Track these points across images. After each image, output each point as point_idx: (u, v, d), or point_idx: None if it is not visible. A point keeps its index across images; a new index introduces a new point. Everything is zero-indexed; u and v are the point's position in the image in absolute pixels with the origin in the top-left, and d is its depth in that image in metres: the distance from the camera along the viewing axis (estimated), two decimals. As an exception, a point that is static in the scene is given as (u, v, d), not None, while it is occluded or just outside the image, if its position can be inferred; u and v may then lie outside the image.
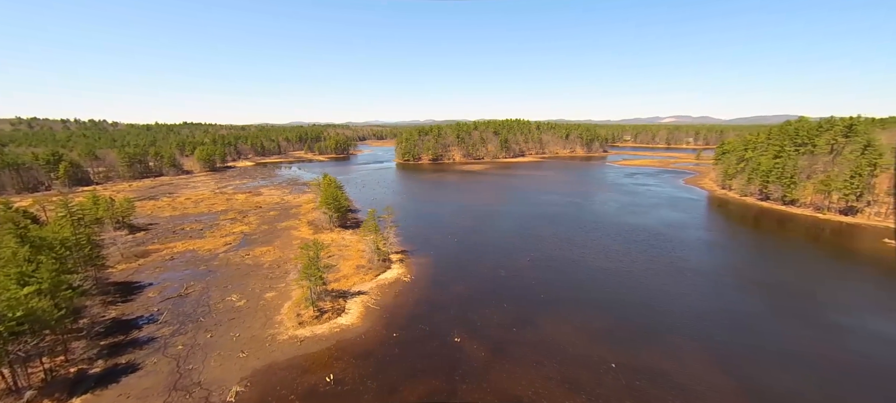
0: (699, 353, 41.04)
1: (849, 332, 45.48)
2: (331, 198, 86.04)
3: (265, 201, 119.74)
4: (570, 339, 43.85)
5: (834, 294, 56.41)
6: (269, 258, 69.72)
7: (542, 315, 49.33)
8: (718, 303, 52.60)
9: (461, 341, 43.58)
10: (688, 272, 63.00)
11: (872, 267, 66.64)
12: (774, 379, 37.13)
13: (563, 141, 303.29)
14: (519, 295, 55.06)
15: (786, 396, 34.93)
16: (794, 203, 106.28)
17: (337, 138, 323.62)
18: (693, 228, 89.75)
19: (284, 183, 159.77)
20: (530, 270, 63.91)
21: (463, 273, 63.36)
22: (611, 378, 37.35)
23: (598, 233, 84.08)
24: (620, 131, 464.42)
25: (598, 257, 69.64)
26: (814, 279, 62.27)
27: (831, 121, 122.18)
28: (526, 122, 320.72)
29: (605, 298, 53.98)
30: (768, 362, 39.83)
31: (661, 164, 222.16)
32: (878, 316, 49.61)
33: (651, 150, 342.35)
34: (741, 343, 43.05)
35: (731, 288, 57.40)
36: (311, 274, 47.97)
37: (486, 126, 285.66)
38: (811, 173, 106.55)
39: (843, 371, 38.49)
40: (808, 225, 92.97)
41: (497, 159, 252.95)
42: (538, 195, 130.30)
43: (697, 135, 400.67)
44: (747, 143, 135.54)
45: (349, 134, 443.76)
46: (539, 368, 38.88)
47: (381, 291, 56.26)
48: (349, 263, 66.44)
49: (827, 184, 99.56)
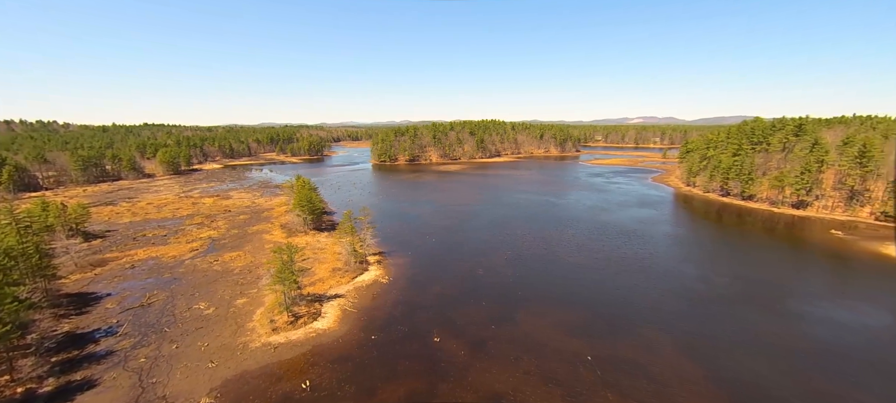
0: (669, 344, 42.72)
1: (804, 318, 48.69)
2: (304, 200, 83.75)
3: (235, 205, 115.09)
4: (547, 334, 44.57)
5: (789, 283, 60.32)
6: (240, 263, 66.99)
7: (519, 311, 49.91)
8: (686, 295, 55.00)
9: (440, 340, 43.40)
10: (657, 266, 65.58)
11: (822, 257, 71.76)
12: (738, 365, 39.18)
13: (537, 141, 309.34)
14: (497, 292, 55.49)
15: (749, 381, 36.91)
16: (751, 198, 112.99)
17: (310, 139, 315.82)
18: (661, 224, 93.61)
19: (255, 185, 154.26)
20: (507, 268, 64.59)
21: (441, 272, 63.22)
22: (587, 370, 38.23)
23: (572, 231, 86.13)
24: (592, 131, 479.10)
25: (572, 254, 71.29)
26: (771, 270, 66.29)
27: (783, 121, 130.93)
28: (501, 123, 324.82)
29: (581, 293, 55.30)
30: (733, 349, 41.98)
31: (630, 163, 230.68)
32: (829, 301, 53.42)
33: (621, 150, 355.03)
34: (708, 333, 45.18)
35: (697, 281, 60.23)
36: (284, 279, 46.41)
37: (462, 126, 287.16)
38: (766, 170, 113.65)
39: (799, 354, 41.11)
40: (764, 218, 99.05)
41: (473, 159, 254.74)
42: (514, 194, 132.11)
43: (663, 134, 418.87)
44: (709, 142, 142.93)
45: (323, 135, 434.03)
46: (518, 364, 39.28)
47: (359, 294, 55.22)
48: (325, 266, 64.84)
49: (780, 179, 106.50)
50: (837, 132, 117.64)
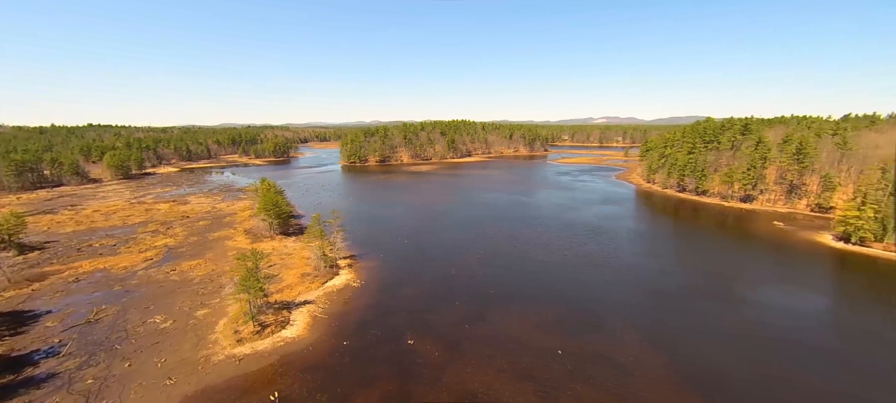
0: (634, 335, 44.74)
1: (750, 305, 52.53)
2: (270, 203, 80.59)
3: (193, 210, 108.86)
4: (519, 331, 45.40)
5: (738, 272, 64.93)
6: (200, 272, 63.41)
7: (492, 310, 50.53)
8: (648, 288, 57.83)
9: (414, 343, 43.11)
10: (622, 261, 68.55)
11: (766, 247, 77.77)
12: (695, 351, 41.68)
13: (507, 141, 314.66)
14: (470, 291, 55.88)
15: (704, 366, 39.34)
16: (705, 193, 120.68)
17: (275, 140, 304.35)
18: (625, 220, 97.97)
19: (216, 189, 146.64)
20: (480, 267, 65.23)
21: (414, 274, 62.86)
22: (558, 364, 39.29)
23: (541, 229, 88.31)
24: (559, 131, 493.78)
25: (542, 251, 73.07)
26: (722, 261, 71.08)
27: (732, 121, 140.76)
28: (472, 123, 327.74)
29: (551, 289, 56.77)
30: (690, 337, 44.61)
31: (595, 162, 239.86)
32: (773, 288, 57.96)
33: (586, 149, 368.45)
34: (668, 323, 47.74)
35: (658, 274, 63.52)
36: (249, 287, 44.38)
37: (433, 127, 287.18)
38: (717, 167, 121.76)
39: (747, 339, 44.30)
40: (716, 212, 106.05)
41: (445, 159, 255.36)
42: (485, 194, 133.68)
43: (625, 134, 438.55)
44: (666, 141, 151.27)
45: (289, 136, 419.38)
46: (492, 362, 39.73)
47: (329, 299, 53.81)
48: (293, 272, 62.68)
49: (730, 175, 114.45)
50: (778, 131, 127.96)
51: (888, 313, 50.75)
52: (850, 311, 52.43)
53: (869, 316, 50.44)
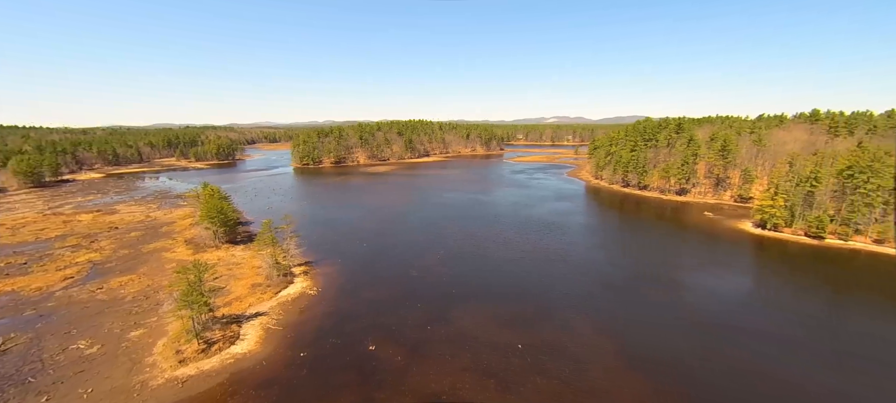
0: (586, 324, 47.21)
1: (685, 289, 57.58)
2: (214, 210, 74.92)
3: (123, 220, 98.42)
4: (481, 328, 46.10)
5: (677, 259, 70.91)
6: (133, 289, 57.45)
7: (454, 309, 50.85)
8: (598, 279, 61.35)
9: (376, 348, 42.22)
10: (574, 255, 72.08)
11: (699, 235, 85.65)
12: (640, 335, 44.87)
13: (464, 140, 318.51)
14: (431, 292, 55.82)
15: (649, 348, 42.45)
16: (646, 188, 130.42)
17: (219, 142, 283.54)
18: (576, 215, 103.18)
19: (150, 196, 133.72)
20: (440, 267, 65.39)
21: (374, 277, 61.60)
22: (518, 358, 40.42)
23: (500, 226, 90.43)
24: (514, 131, 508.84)
25: (501, 249, 74.82)
26: (662, 249, 77.22)
27: (667, 120, 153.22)
28: (429, 123, 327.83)
29: (509, 286, 58.30)
30: (635, 322, 47.95)
31: (548, 160, 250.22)
32: (706, 272, 63.98)
33: (539, 147, 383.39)
34: (616, 310, 50.96)
35: (607, 265, 67.63)
36: (192, 302, 40.91)
37: (389, 127, 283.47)
38: (656, 163, 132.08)
39: (682, 320, 48.49)
40: (656, 205, 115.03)
41: (403, 160, 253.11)
42: (444, 193, 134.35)
43: (575, 133, 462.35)
44: (612, 140, 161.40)
45: (234, 137, 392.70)
46: (455, 361, 39.96)
47: (284, 309, 51.15)
48: (243, 283, 58.79)
49: (667, 171, 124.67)
50: (706, 130, 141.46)
51: (797, 289, 58.11)
52: (767, 290, 59.27)
53: (782, 292, 57.38)
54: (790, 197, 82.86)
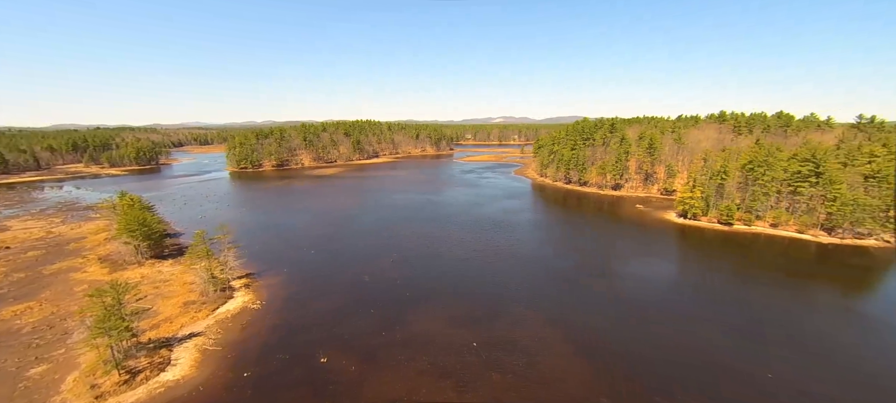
0: (536, 318, 49.33)
1: (621, 277, 62.58)
2: (135, 222, 66.94)
3: (16, 238, 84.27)
4: (436, 330, 46.18)
5: (613, 249, 76.71)
6: (32, 318, 49.43)
7: (409, 312, 50.38)
8: (546, 273, 64.45)
9: (328, 360, 40.48)
10: (523, 251, 75.00)
11: (632, 226, 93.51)
12: (584, 323, 47.89)
13: (414, 141, 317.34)
14: (385, 297, 54.82)
15: (592, 333, 45.46)
16: (586, 184, 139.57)
17: (138, 145, 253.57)
18: (524, 212, 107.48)
19: (52, 209, 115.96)
20: (394, 270, 64.48)
21: (324, 286, 59.04)
22: (473, 356, 41.10)
23: (452, 226, 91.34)
24: (463, 131, 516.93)
25: (453, 249, 75.60)
26: (601, 241, 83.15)
27: (602, 121, 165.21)
28: (377, 123, 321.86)
29: (463, 285, 59.10)
30: (579, 311, 51.11)
31: (496, 159, 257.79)
32: (638, 260, 70.00)
33: (488, 147, 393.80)
34: (563, 302, 53.89)
35: (553, 258, 71.32)
36: (110, 328, 36.15)
37: (335, 127, 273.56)
38: (594, 160, 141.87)
39: (620, 306, 52.63)
40: (595, 199, 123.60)
41: (351, 161, 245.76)
42: (395, 195, 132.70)
43: (521, 133, 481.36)
44: (554, 139, 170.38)
45: (157, 139, 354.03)
46: (411, 365, 39.59)
47: (223, 327, 47.14)
48: (173, 302, 53.21)
49: (603, 168, 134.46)
50: (636, 130, 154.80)
51: (711, 271, 65.82)
52: (688, 273, 66.37)
53: (700, 275, 64.62)
54: (705, 189, 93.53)
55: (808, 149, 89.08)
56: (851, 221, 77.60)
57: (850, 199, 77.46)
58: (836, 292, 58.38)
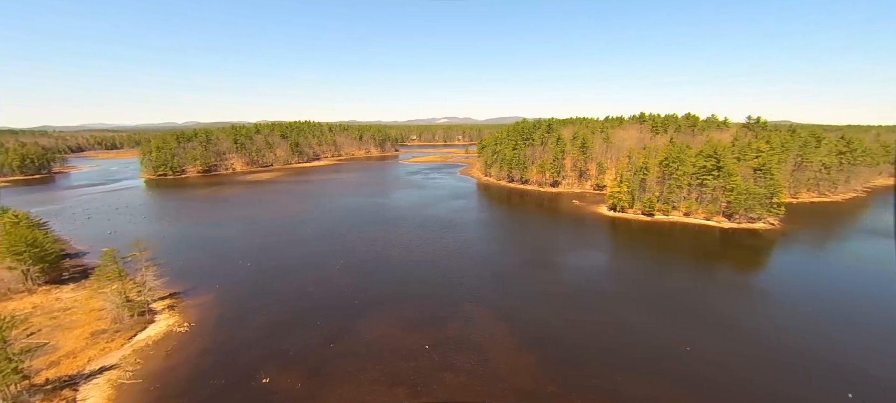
0: (485, 314, 50.67)
1: (561, 269, 66.71)
2: (21, 242, 56.72)
3: None
4: (387, 336, 45.35)
5: (554, 243, 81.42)
6: None
7: (358, 321, 48.87)
8: (493, 270, 66.45)
9: (271, 380, 37.80)
10: (471, 250, 76.58)
11: (569, 220, 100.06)
12: (530, 315, 50.22)
13: (357, 142, 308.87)
14: (332, 306, 52.61)
15: (537, 325, 47.84)
16: (527, 182, 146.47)
17: (24, 151, 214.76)
18: (471, 212, 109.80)
19: None
20: (341, 278, 62.14)
21: (265, 300, 55.02)
22: (426, 359, 41.04)
23: (400, 229, 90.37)
24: (407, 131, 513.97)
25: (402, 252, 74.85)
26: (542, 235, 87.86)
27: (539, 121, 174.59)
28: (317, 124, 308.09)
29: (413, 288, 58.74)
30: (525, 304, 53.50)
31: (442, 159, 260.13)
32: (575, 252, 75.08)
33: (433, 147, 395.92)
34: (509, 296, 55.97)
35: (499, 255, 73.76)
36: (-9, 373, 30.20)
37: (271, 128, 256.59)
38: (534, 159, 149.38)
39: (561, 297, 56.10)
40: (536, 197, 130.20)
41: (289, 165, 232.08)
42: (340, 199, 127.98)
43: (465, 133, 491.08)
44: (497, 140, 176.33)
45: (48, 143, 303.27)
46: (362, 375, 38.44)
47: (143, 356, 41.83)
48: (77, 333, 46.04)
49: (542, 166, 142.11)
50: (570, 130, 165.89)
51: (636, 258, 72.77)
52: (618, 262, 72.71)
53: (627, 262, 71.14)
54: (630, 184, 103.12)
55: (710, 146, 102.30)
56: (745, 208, 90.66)
57: (743, 189, 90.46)
58: (735, 270, 67.83)
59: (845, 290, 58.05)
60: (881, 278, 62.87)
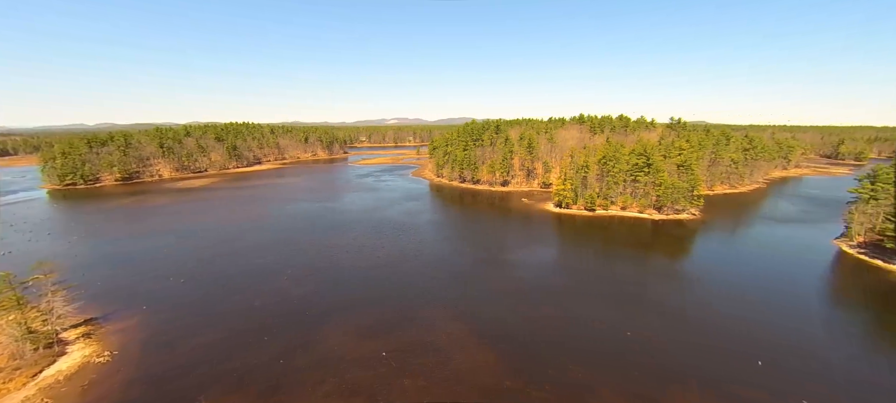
0: (443, 315, 50.91)
1: (512, 266, 69.10)
2: None
3: None
4: (343, 346, 43.77)
5: (505, 240, 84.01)
6: None
7: (311, 332, 46.60)
8: (448, 270, 66.96)
9: (213, 406, 34.68)
10: (426, 251, 76.49)
11: (519, 218, 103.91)
12: (485, 312, 51.40)
13: (303, 144, 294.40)
14: (282, 320, 49.60)
15: (492, 321, 49.10)
16: (478, 182, 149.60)
17: None
18: (424, 213, 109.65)
19: None
20: (291, 289, 58.82)
21: (202, 319, 50.38)
22: (384, 366, 40.23)
23: (353, 233, 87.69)
24: (356, 132, 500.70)
25: (356, 257, 72.71)
26: (494, 233, 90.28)
27: (488, 122, 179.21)
28: (257, 126, 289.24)
29: (369, 294, 57.30)
30: (481, 302, 54.65)
31: (393, 161, 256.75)
32: (526, 249, 78.10)
33: (383, 149, 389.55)
34: (466, 295, 56.78)
35: (453, 255, 74.52)
36: None
37: (203, 130, 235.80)
38: (484, 160, 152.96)
39: (512, 293, 58.13)
40: (487, 196, 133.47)
41: (227, 170, 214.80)
42: (286, 205, 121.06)
43: (415, 134, 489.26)
44: (447, 141, 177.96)
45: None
46: (317, 389, 36.73)
47: (53, 394, 36.31)
48: (-40, 376, 38.62)
49: (492, 166, 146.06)
50: (517, 130, 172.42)
51: (580, 251, 77.61)
52: (564, 255, 76.97)
53: (572, 255, 75.56)
54: (573, 181, 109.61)
55: (641, 145, 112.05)
56: (672, 201, 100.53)
57: (669, 184, 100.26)
58: (666, 258, 74.96)
59: (751, 272, 66.70)
60: (777, 259, 73.18)
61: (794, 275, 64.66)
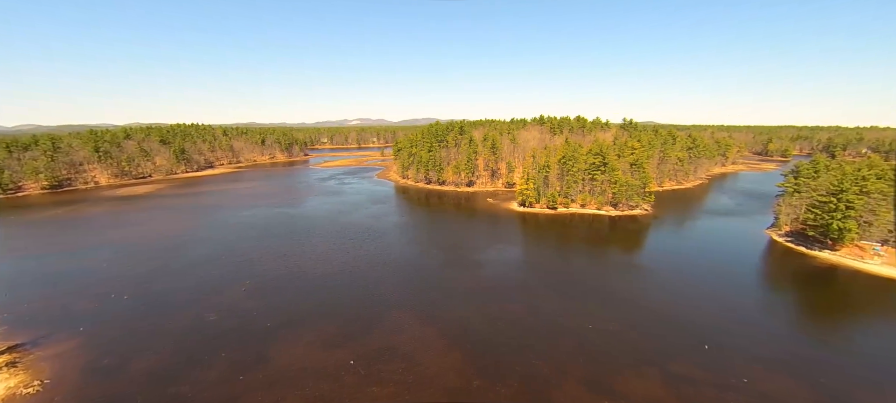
0: (411, 319, 50.58)
1: (480, 265, 70.07)
2: None
3: None
4: (307, 357, 42.23)
5: (471, 240, 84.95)
6: None
7: (272, 346, 44.51)
8: (415, 273, 66.64)
9: (164, 433, 32.15)
10: (393, 255, 75.62)
11: (485, 217, 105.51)
12: (453, 314, 51.70)
13: (259, 147, 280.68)
14: (239, 334, 46.98)
15: (459, 322, 49.47)
16: (444, 183, 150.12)
17: None
18: (390, 216, 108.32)
19: None
20: (248, 301, 55.82)
21: (148, 338, 46.56)
22: (352, 375, 39.30)
23: (315, 240, 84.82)
24: (317, 134, 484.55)
25: (318, 264, 70.42)
26: (461, 233, 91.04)
27: (452, 123, 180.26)
28: (208, 127, 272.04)
29: (333, 302, 55.67)
30: (448, 303, 54.87)
31: (356, 163, 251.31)
32: (492, 248, 79.42)
33: (346, 150, 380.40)
34: (433, 298, 56.78)
35: (420, 257, 74.29)
36: None
37: (146, 133, 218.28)
38: (449, 161, 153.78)
39: (481, 292, 58.97)
40: (453, 196, 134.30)
41: (174, 175, 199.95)
42: (242, 211, 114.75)
43: (379, 135, 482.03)
44: (412, 142, 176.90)
45: None
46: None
47: (-33, 437, 31.93)
48: None
49: (457, 167, 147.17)
50: (481, 131, 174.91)
51: (543, 248, 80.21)
52: (528, 253, 79.19)
53: (536, 253, 77.93)
54: (535, 181, 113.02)
55: (597, 145, 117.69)
56: (626, 197, 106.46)
57: (624, 182, 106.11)
58: (622, 252, 79.27)
59: (696, 262, 72.22)
60: (719, 249, 79.80)
61: (733, 263, 70.75)
